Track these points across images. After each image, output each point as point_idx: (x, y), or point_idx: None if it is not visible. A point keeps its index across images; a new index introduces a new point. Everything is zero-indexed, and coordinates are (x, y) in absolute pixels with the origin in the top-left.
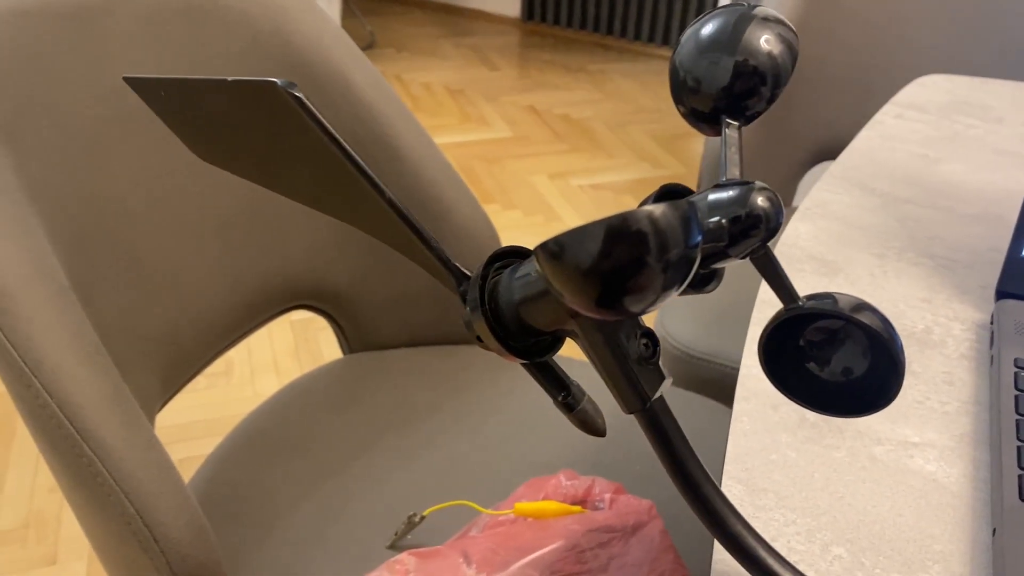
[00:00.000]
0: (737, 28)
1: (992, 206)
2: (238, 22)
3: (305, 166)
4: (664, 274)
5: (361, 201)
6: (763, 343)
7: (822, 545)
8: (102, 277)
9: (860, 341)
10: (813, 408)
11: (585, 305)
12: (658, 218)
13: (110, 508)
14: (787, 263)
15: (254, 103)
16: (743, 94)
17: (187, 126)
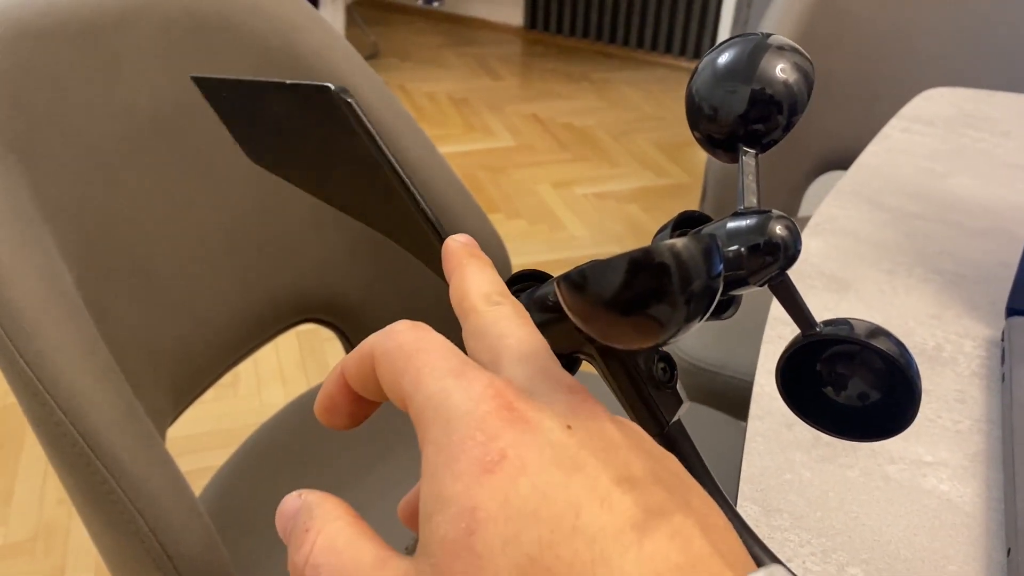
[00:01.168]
0: (753, 57)
1: (1001, 220)
2: (248, 39)
3: (348, 172)
4: (687, 306)
5: (395, 210)
6: (780, 369)
7: (838, 566)
8: (115, 294)
9: (877, 366)
10: (830, 432)
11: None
12: (680, 251)
13: (123, 525)
14: (797, 279)
15: (307, 106)
16: (759, 122)
17: (243, 127)
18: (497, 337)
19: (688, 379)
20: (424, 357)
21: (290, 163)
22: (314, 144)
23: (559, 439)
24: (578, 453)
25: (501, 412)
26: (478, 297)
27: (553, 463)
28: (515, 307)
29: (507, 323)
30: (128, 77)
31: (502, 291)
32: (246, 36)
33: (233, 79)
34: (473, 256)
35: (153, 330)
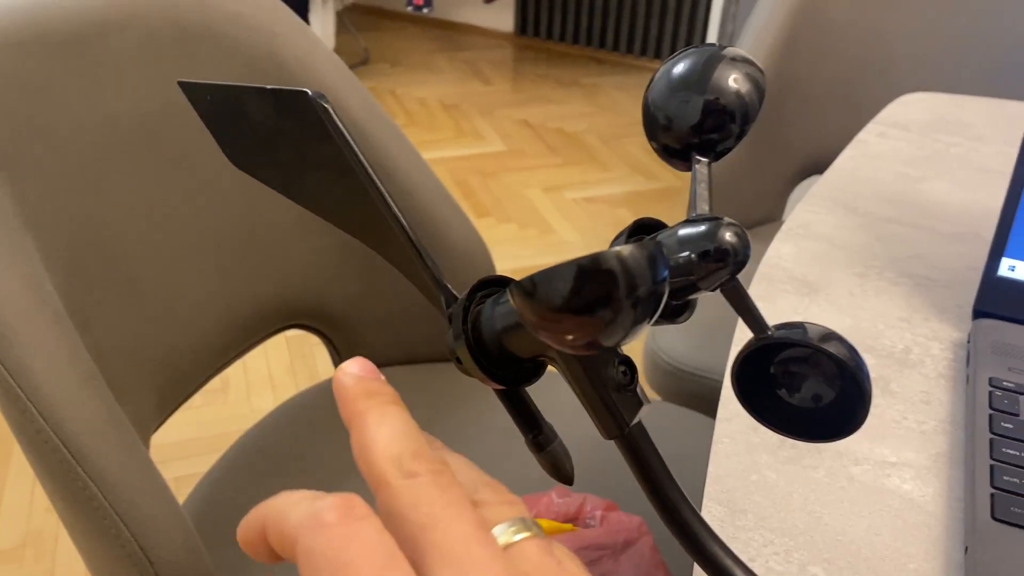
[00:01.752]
0: (707, 68)
1: (973, 224)
2: (231, 48)
3: (325, 177)
4: (634, 311)
5: (368, 214)
6: (735, 371)
7: (799, 565)
8: (99, 301)
9: (828, 369)
10: (784, 433)
11: (561, 343)
12: (626, 257)
13: (105, 531)
14: (769, 284)
15: (286, 111)
16: (713, 131)
17: (225, 132)
18: (419, 528)
19: (672, 382)
20: (352, 569)
21: (270, 168)
22: (293, 149)
23: None
24: None
25: None
26: (387, 462)
27: None
28: (435, 477)
29: (427, 506)
30: (111, 86)
31: (416, 450)
32: (229, 44)
33: (216, 84)
34: (373, 397)
35: (137, 337)
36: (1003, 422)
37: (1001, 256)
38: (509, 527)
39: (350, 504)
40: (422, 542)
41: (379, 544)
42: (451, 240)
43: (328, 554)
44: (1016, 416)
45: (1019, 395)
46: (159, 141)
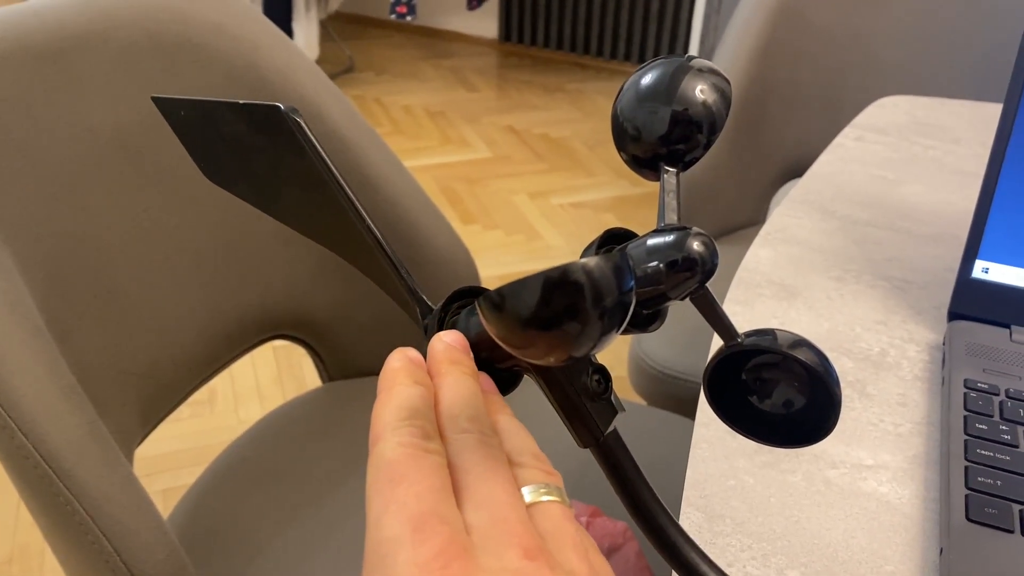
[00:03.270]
0: (674, 79)
1: (949, 226)
2: (211, 59)
3: (297, 190)
4: (601, 321)
5: (343, 227)
6: (706, 378)
7: (777, 570)
8: (79, 315)
9: (798, 376)
10: (756, 439)
11: (530, 355)
12: (592, 269)
13: (88, 547)
14: (747, 288)
15: (259, 126)
16: (680, 142)
17: (200, 146)
18: (461, 472)
19: (657, 387)
20: (403, 490)
21: (245, 182)
22: (267, 163)
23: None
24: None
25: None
26: (448, 418)
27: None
28: (482, 437)
29: (470, 457)
30: (91, 98)
31: (473, 414)
32: (209, 56)
33: (190, 99)
34: (455, 364)
35: (119, 350)
36: (978, 423)
37: (975, 258)
38: (538, 488)
39: (427, 435)
40: (460, 484)
41: (436, 472)
42: (434, 248)
43: (393, 465)
44: (990, 417)
45: (993, 396)
46: (139, 153)
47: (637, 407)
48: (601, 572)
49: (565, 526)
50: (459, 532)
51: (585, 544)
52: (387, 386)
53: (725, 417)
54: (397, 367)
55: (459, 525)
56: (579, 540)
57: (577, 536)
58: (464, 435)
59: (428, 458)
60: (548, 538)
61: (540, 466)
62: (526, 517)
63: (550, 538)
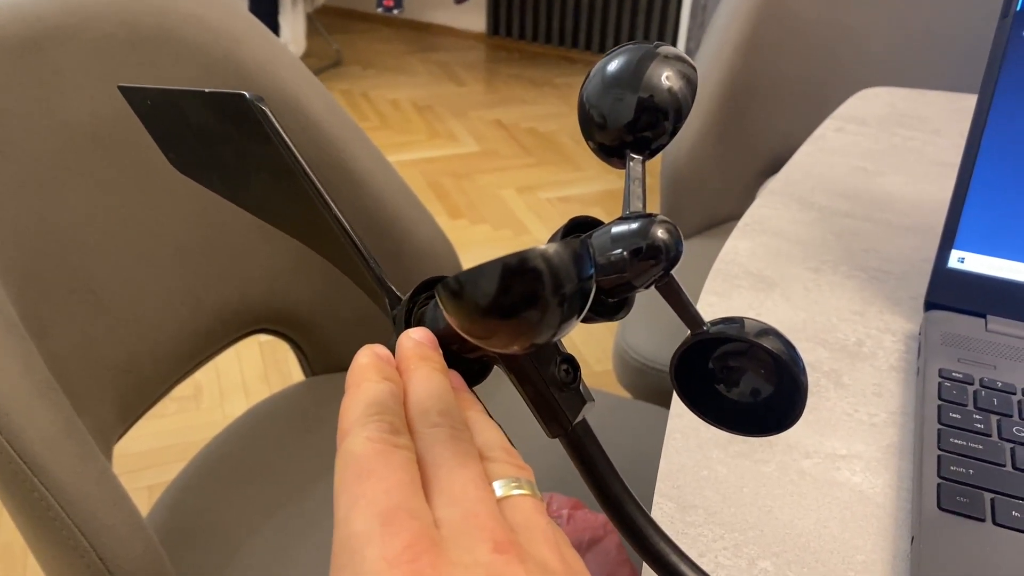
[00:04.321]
0: (640, 66)
1: (928, 217)
2: (189, 51)
3: (265, 180)
4: (561, 308)
5: (311, 218)
6: (673, 367)
7: (749, 559)
8: (56, 310)
9: (765, 364)
10: (724, 428)
11: (490, 343)
12: (551, 256)
13: (64, 543)
14: (724, 279)
15: (226, 115)
16: (646, 129)
17: (167, 136)
18: (430, 466)
19: (641, 379)
20: (371, 486)
21: (213, 172)
22: (234, 153)
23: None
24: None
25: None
26: (418, 412)
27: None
28: (453, 431)
29: (440, 451)
30: (67, 91)
31: (443, 408)
32: (188, 48)
33: (156, 88)
34: (424, 360)
35: (97, 345)
36: (951, 412)
37: (951, 248)
38: (509, 483)
39: (396, 430)
40: (430, 479)
41: (405, 467)
42: (417, 241)
43: (361, 460)
44: (964, 406)
45: (967, 385)
46: (117, 146)
47: (622, 401)
48: (574, 566)
49: (536, 519)
50: (429, 526)
51: (557, 538)
52: (355, 382)
53: (693, 406)
54: (365, 363)
55: (429, 520)
56: (551, 534)
57: (549, 529)
58: (434, 429)
59: (397, 453)
60: (519, 531)
61: (511, 460)
62: (496, 511)
63: (521, 531)
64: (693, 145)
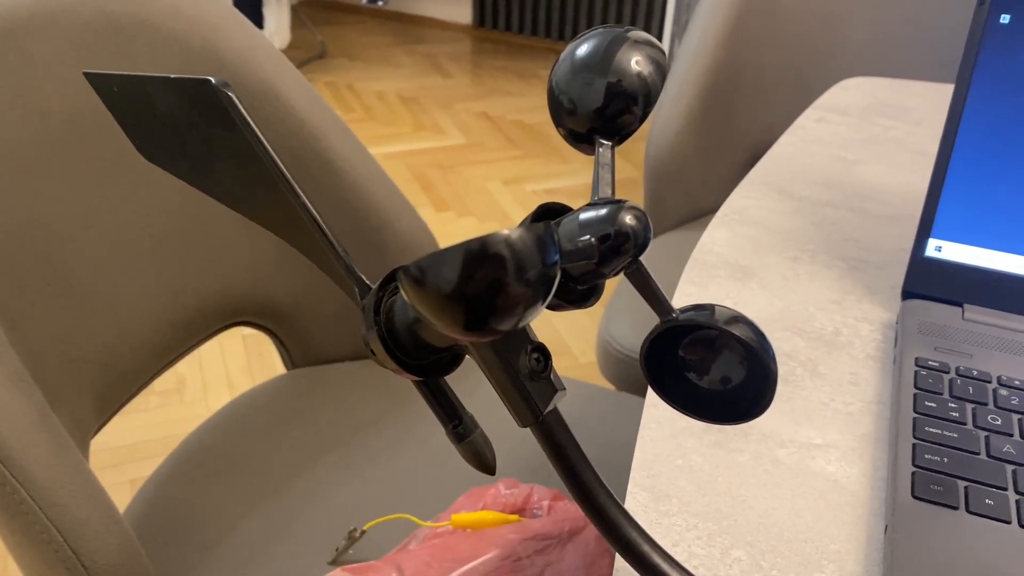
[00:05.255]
0: (609, 50)
1: (907, 206)
2: (167, 41)
3: (232, 167)
4: (524, 293)
5: (279, 205)
6: (643, 355)
7: (722, 549)
8: (31, 302)
9: (735, 351)
10: (694, 415)
11: (454, 330)
12: (515, 241)
13: (36, 536)
14: (702, 269)
15: (192, 101)
16: (616, 114)
17: (134, 123)
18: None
19: (625, 371)
20: None
21: (180, 159)
22: (201, 140)
23: None
24: None
25: None
26: None
27: None
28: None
29: None
30: (42, 80)
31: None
32: (166, 38)
33: (122, 74)
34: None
35: (73, 338)
36: (927, 401)
37: (928, 236)
38: None
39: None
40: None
41: None
42: (398, 233)
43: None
44: (940, 395)
45: (943, 374)
46: (94, 137)
47: (605, 392)
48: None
49: None
50: None
51: None
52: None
53: (664, 393)
54: None
55: None
56: None
57: None
58: None
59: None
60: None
61: None
62: None
63: None
64: (677, 136)
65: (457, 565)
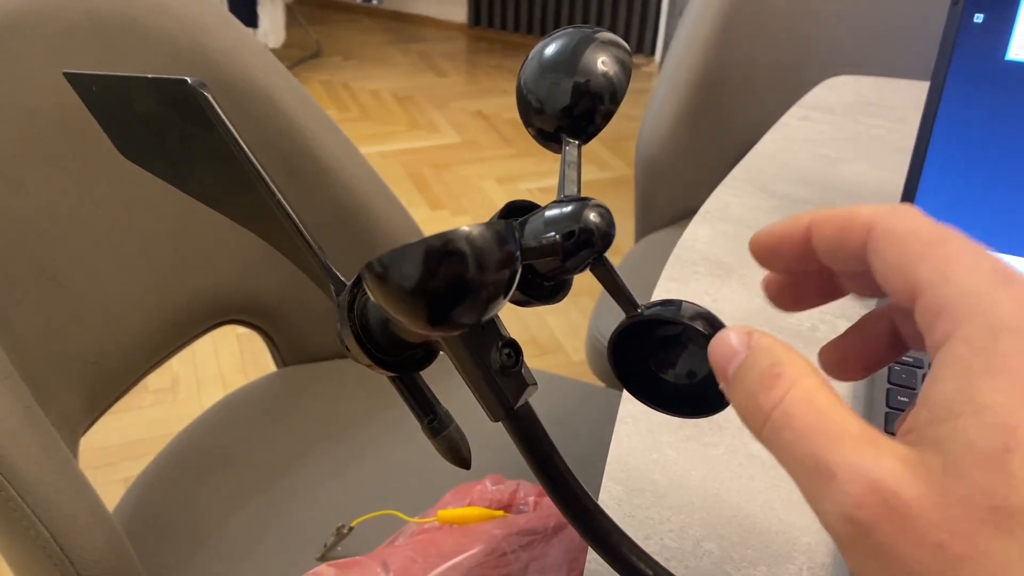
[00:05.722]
0: (576, 50)
1: (888, 203)
2: (156, 40)
3: (210, 166)
4: (485, 289)
5: (256, 204)
6: (610, 350)
7: (694, 541)
8: (18, 300)
9: (699, 345)
10: (661, 409)
11: (418, 324)
12: (476, 237)
13: (22, 532)
14: (683, 266)
15: (170, 100)
16: (582, 114)
17: (114, 123)
18: None
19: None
20: (954, 249)
21: (159, 159)
22: (179, 139)
23: None
24: None
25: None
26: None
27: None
28: None
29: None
30: (30, 80)
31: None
32: (153, 37)
33: (102, 74)
34: None
35: (61, 336)
36: (899, 396)
37: None
38: None
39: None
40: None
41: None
42: (387, 232)
43: (920, 232)
44: (912, 390)
45: (917, 369)
46: (82, 135)
47: (594, 388)
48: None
49: None
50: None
51: None
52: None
53: (631, 388)
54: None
55: None
56: None
57: None
58: None
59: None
60: None
61: None
62: None
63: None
64: (667, 135)
65: (442, 560)
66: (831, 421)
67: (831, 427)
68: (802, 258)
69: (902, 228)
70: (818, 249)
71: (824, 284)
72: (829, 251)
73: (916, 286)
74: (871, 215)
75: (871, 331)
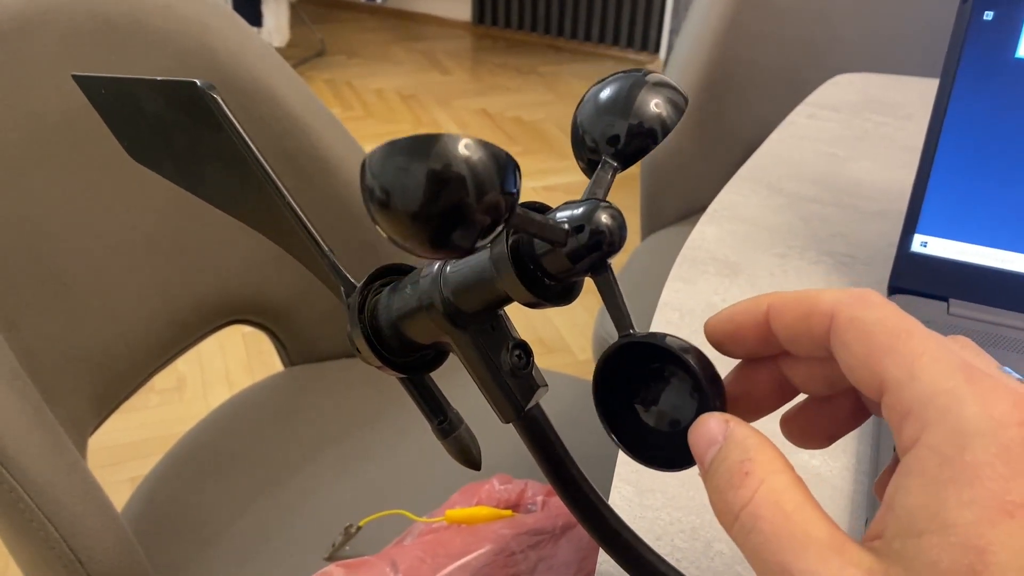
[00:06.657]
0: (631, 94)
1: (896, 202)
2: (161, 41)
3: (219, 168)
4: (484, 214)
5: (265, 205)
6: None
7: (705, 542)
8: (27, 303)
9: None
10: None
11: (419, 248)
12: (476, 163)
13: (34, 534)
14: (691, 265)
15: (179, 103)
16: (634, 152)
17: (122, 125)
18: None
19: None
20: (919, 343)
21: (168, 160)
22: (188, 141)
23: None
24: None
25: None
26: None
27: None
28: None
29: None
30: (35, 82)
31: None
32: (158, 38)
33: (110, 77)
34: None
35: (69, 337)
36: None
37: (913, 232)
38: None
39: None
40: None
41: (932, 333)
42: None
43: (886, 322)
44: None
45: None
46: (87, 137)
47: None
48: None
49: None
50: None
51: None
52: None
53: (610, 423)
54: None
55: None
56: None
57: None
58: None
59: (919, 324)
60: None
61: None
62: None
63: None
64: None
65: (451, 560)
66: (796, 525)
67: (797, 531)
68: (762, 343)
69: (866, 318)
70: (778, 335)
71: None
72: (790, 338)
73: (883, 383)
74: (833, 303)
75: (835, 402)
